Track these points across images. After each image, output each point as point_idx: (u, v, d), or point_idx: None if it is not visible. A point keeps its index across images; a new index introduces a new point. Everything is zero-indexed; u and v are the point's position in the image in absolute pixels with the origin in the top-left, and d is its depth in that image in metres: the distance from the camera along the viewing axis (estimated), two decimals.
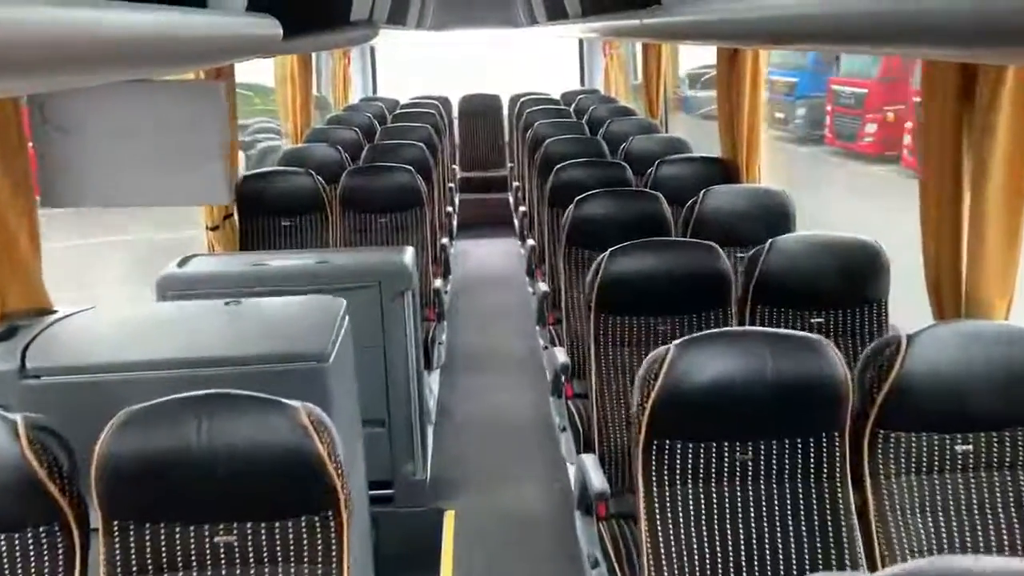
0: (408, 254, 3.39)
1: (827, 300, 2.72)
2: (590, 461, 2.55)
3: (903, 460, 1.94)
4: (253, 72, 7.31)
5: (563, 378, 3.32)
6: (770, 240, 2.76)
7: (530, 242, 5.19)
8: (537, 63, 12.18)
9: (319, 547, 1.67)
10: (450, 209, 6.03)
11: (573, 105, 7.50)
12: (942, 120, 2.17)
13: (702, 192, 3.49)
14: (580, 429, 3.03)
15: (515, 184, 6.86)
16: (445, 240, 5.13)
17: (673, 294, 2.72)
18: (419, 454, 3.42)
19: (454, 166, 7.72)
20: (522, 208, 6.01)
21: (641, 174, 4.49)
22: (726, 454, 1.92)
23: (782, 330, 2.01)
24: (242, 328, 2.32)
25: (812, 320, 2.72)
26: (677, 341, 1.91)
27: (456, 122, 8.49)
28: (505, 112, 8.50)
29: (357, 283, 3.21)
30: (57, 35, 0.85)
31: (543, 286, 4.27)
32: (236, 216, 4.33)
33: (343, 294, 3.22)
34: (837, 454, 1.92)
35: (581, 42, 8.57)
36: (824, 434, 1.92)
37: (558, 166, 4.33)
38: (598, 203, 3.56)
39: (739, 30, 1.73)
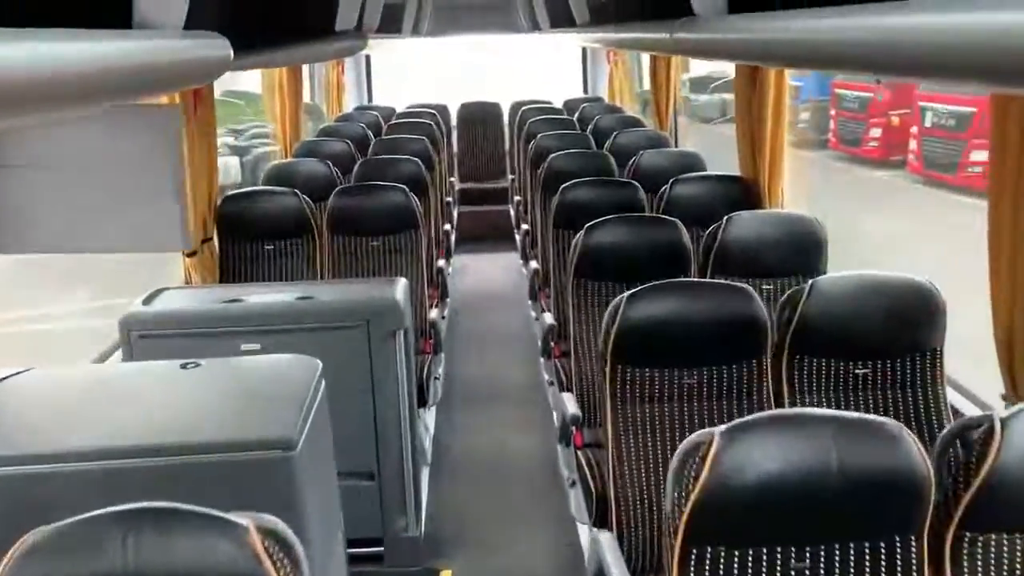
0: (400, 288, 3.07)
1: (875, 348, 2.43)
2: (607, 542, 2.27)
3: (993, 568, 1.63)
4: (245, 78, 6.97)
5: (573, 428, 2.99)
6: (811, 281, 2.47)
7: (533, 264, 4.86)
8: (537, 67, 11.89)
9: None
10: (448, 227, 5.71)
11: (576, 114, 7.18)
12: (1021, 149, 1.84)
13: (724, 219, 3.18)
14: (593, 489, 2.67)
15: (516, 198, 6.54)
16: (442, 263, 4.81)
17: (701, 342, 2.41)
18: (412, 508, 3.09)
19: (452, 179, 7.38)
20: (524, 226, 5.68)
21: (654, 191, 4.18)
22: (779, 564, 1.61)
23: (850, 414, 1.69)
24: (198, 402, 1.99)
25: (857, 371, 2.43)
26: (722, 428, 1.61)
27: (455, 131, 8.16)
28: (505, 120, 8.17)
29: (342, 323, 2.89)
30: None
31: (548, 318, 3.93)
32: (216, 239, 4.02)
33: (327, 334, 2.91)
34: (914, 561, 1.62)
35: (584, 47, 8.25)
36: (899, 538, 1.62)
37: (564, 186, 4.02)
38: (610, 231, 3.24)
39: (798, 52, 1.42)
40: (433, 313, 4.04)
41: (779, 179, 3.76)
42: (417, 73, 11.28)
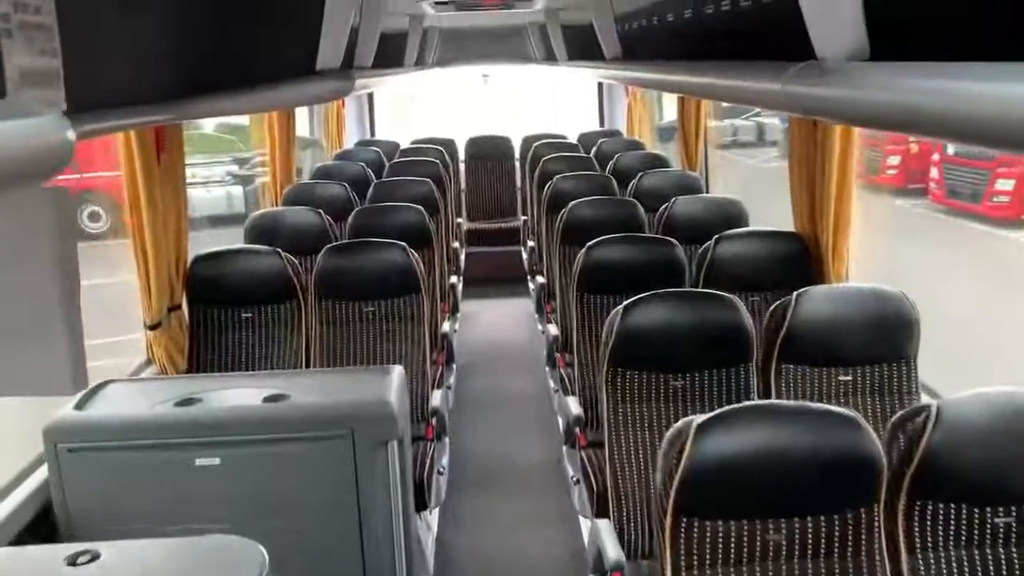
0: (394, 382, 2.49)
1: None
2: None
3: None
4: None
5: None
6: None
7: (552, 330, 4.28)
8: (548, 94, 11.38)
9: None
10: (454, 279, 5.13)
11: (593, 151, 6.64)
12: None
13: (795, 296, 2.66)
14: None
15: (530, 244, 5.96)
16: (447, 326, 4.23)
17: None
18: None
19: (459, 219, 6.82)
20: (540, 278, 5.09)
21: (696, 241, 3.67)
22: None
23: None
24: None
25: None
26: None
27: (463, 166, 7.62)
28: (516, 153, 7.62)
29: (321, 432, 2.32)
30: None
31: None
32: (185, 307, 3.47)
33: (302, 445, 2.34)
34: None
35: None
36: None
37: (590, 244, 3.46)
38: (650, 310, 2.68)
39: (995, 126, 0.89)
40: (436, 397, 3.47)
41: (845, 240, 3.19)
42: (422, 104, 10.79)
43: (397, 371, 2.57)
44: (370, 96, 8.10)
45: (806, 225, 3.35)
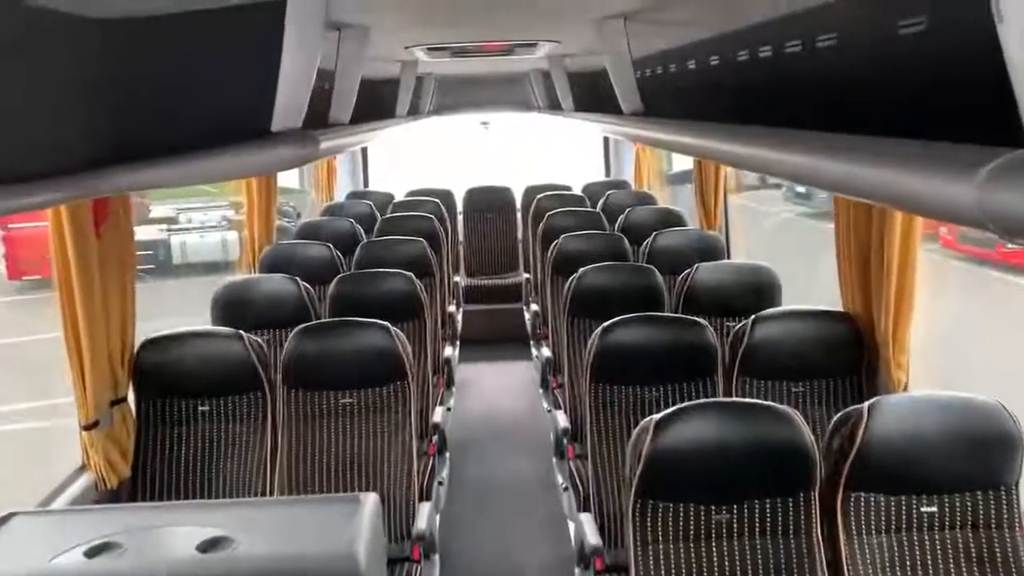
0: (366, 520, 1.98)
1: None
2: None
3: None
4: None
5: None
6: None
7: (561, 420, 3.75)
8: (549, 140, 10.97)
9: None
10: (449, 352, 4.62)
11: (600, 204, 6.19)
12: None
13: (866, 407, 2.18)
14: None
15: (534, 307, 5.47)
16: (440, 414, 3.71)
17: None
18: None
19: (456, 278, 6.34)
20: (545, 350, 4.59)
21: (726, 315, 3.26)
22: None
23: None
24: None
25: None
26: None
27: (461, 217, 7.15)
28: (518, 204, 7.16)
29: None
30: None
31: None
32: (133, 399, 2.98)
33: None
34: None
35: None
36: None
37: (606, 326, 2.98)
38: (685, 427, 2.21)
39: None
40: (424, 514, 2.93)
41: (907, 325, 2.70)
42: (419, 151, 10.39)
43: (371, 503, 2.05)
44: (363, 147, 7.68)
45: (858, 304, 2.87)
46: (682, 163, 8.09)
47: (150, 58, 1.83)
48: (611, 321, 2.96)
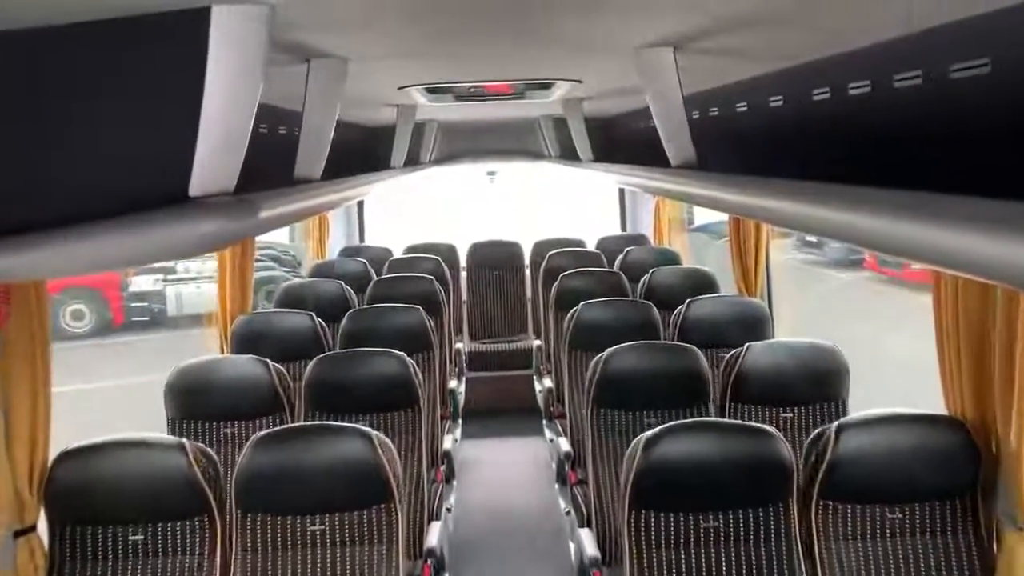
0: None
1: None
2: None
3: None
4: None
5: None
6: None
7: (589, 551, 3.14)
8: (556, 189, 10.43)
9: None
10: (450, 444, 3.95)
11: (618, 262, 5.59)
12: None
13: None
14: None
15: (548, 384, 4.83)
16: (435, 537, 3.00)
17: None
18: None
19: (459, 344, 5.70)
20: (564, 442, 3.92)
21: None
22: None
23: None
24: None
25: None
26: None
27: (464, 274, 6.55)
28: (526, 260, 6.56)
29: None
30: None
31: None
32: (46, 526, 2.35)
33: None
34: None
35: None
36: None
37: (650, 439, 2.36)
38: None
39: None
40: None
41: None
42: (417, 203, 9.86)
43: None
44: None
45: (968, 408, 2.25)
46: (706, 215, 7.51)
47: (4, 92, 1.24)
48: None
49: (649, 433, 2.36)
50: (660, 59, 1.97)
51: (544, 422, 4.87)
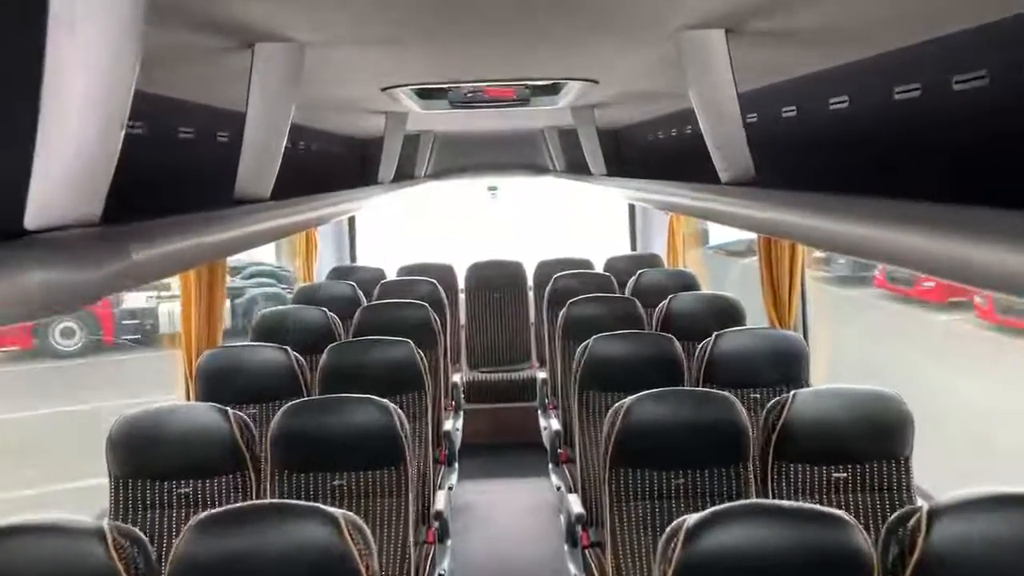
0: None
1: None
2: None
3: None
4: None
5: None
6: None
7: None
8: (560, 204, 9.97)
9: None
10: (442, 504, 3.42)
11: (630, 286, 5.12)
12: None
13: None
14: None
15: (554, 424, 4.35)
16: None
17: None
18: None
19: (455, 378, 5.21)
20: (575, 504, 3.42)
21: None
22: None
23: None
24: None
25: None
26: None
27: (462, 296, 6.07)
28: (530, 281, 6.08)
29: None
30: None
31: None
32: None
33: None
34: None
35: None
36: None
37: (694, 527, 1.89)
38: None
39: None
40: None
41: None
42: (416, 214, 9.42)
43: None
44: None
45: None
46: (722, 234, 7.05)
47: None
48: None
49: (683, 526, 2.01)
50: (709, 44, 1.51)
51: (550, 466, 4.39)
